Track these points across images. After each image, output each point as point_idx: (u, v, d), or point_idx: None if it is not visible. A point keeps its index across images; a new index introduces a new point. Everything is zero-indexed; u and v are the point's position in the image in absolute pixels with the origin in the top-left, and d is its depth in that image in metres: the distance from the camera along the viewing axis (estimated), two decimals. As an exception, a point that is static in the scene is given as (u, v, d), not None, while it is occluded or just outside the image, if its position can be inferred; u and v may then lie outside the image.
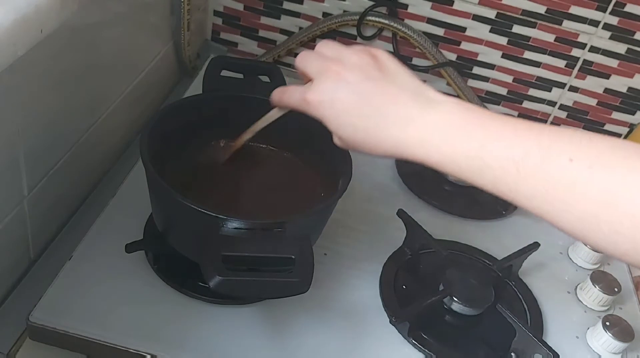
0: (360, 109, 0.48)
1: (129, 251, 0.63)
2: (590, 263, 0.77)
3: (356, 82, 0.48)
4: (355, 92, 0.48)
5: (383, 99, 0.48)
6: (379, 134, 0.48)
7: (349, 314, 0.65)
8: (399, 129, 0.47)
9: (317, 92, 0.49)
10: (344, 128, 0.49)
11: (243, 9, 1.00)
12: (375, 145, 0.49)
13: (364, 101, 0.48)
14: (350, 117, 0.48)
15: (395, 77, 0.50)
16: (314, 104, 0.50)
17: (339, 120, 0.49)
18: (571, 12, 0.91)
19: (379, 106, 0.48)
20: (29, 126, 0.57)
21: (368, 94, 0.48)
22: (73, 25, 0.59)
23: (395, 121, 0.47)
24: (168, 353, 0.57)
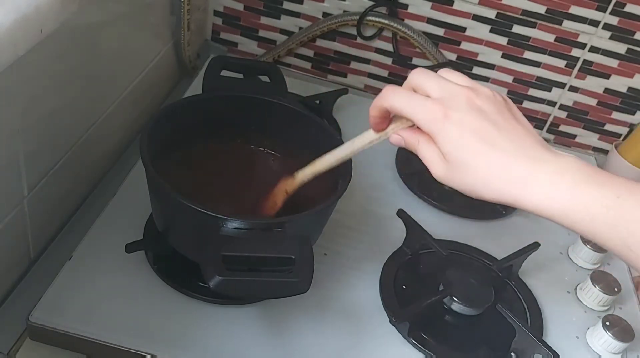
0: (487, 133, 0.45)
1: (129, 251, 0.63)
2: (590, 263, 0.77)
3: (489, 112, 0.45)
4: (486, 120, 0.45)
5: (513, 132, 0.45)
6: (503, 164, 0.44)
7: (349, 314, 0.65)
8: (527, 165, 0.44)
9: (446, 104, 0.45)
10: (463, 149, 0.45)
11: (243, 9, 1.00)
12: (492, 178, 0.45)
13: (494, 127, 0.45)
14: (474, 139, 0.44)
15: (523, 122, 0.47)
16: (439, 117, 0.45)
17: (461, 137, 0.45)
18: (571, 12, 0.91)
19: (509, 136, 0.45)
20: (29, 126, 0.57)
21: (499, 126, 0.45)
22: (73, 25, 0.59)
23: (524, 157, 0.44)
24: (168, 353, 0.57)
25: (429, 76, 0.47)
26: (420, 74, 0.48)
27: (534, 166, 0.44)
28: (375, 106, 0.49)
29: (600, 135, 1.03)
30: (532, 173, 0.44)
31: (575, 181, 0.43)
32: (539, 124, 1.04)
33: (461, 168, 0.45)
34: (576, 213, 0.42)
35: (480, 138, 0.45)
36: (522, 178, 0.44)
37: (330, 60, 1.02)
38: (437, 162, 0.47)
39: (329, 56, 1.02)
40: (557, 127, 1.04)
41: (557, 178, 0.43)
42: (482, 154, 0.45)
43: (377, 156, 0.86)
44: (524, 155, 0.44)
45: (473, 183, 0.45)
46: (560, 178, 0.43)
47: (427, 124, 0.46)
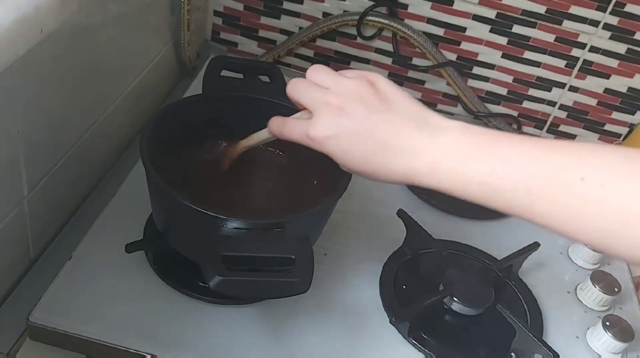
0: (366, 144, 0.48)
1: (129, 251, 0.63)
2: (590, 263, 0.77)
3: (358, 116, 0.48)
4: (359, 128, 0.48)
5: (388, 132, 0.48)
6: (388, 167, 0.48)
7: (349, 314, 0.65)
8: (408, 161, 0.47)
9: (320, 129, 0.49)
10: (351, 163, 0.49)
11: (243, 9, 1.00)
12: (385, 176, 0.49)
13: (369, 136, 0.48)
14: (357, 153, 0.48)
15: (397, 106, 0.49)
16: (318, 141, 0.49)
17: (346, 156, 0.49)
18: (571, 12, 0.91)
19: (385, 140, 0.48)
20: (29, 126, 0.57)
21: (372, 129, 0.48)
22: (73, 25, 0.59)
23: (403, 154, 0.47)
24: (168, 353, 0.57)
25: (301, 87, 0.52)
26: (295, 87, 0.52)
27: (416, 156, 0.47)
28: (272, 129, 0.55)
29: (600, 135, 1.03)
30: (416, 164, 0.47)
31: (454, 165, 0.46)
32: (539, 124, 1.04)
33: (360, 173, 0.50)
34: (460, 190, 0.47)
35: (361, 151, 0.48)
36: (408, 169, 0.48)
37: (330, 60, 1.02)
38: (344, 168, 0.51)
39: (329, 56, 1.02)
40: (557, 127, 1.03)
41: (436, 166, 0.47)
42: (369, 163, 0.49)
43: (377, 156, 0.86)
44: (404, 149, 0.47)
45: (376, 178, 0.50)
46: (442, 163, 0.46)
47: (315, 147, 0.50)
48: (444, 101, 1.03)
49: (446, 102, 1.03)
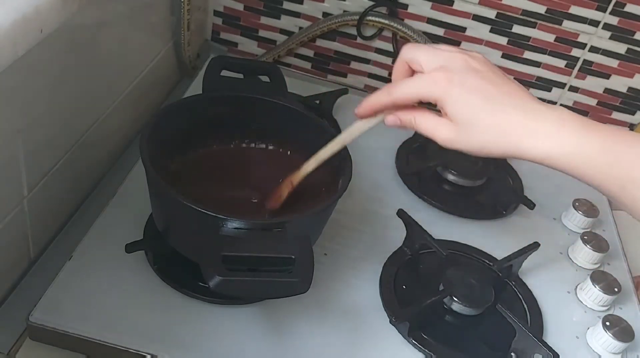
0: (490, 90, 0.48)
1: (129, 251, 0.63)
2: (590, 263, 0.77)
3: (485, 71, 0.49)
4: (483, 77, 0.48)
5: (512, 89, 0.49)
6: (507, 119, 0.47)
7: (349, 314, 0.65)
8: (532, 117, 0.47)
9: (446, 71, 0.48)
10: (469, 108, 0.48)
11: (243, 9, 1.00)
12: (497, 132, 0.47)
13: (493, 85, 0.48)
14: (479, 97, 0.48)
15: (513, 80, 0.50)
16: (442, 81, 0.48)
17: (467, 98, 0.48)
18: (571, 12, 0.91)
19: (509, 93, 0.48)
20: (29, 126, 0.57)
21: (497, 82, 0.49)
22: (73, 25, 0.59)
23: (527, 110, 0.47)
24: (168, 353, 0.57)
25: (421, 49, 0.50)
26: (412, 49, 0.51)
27: (536, 117, 0.47)
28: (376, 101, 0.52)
29: (600, 135, 1.03)
30: (536, 124, 0.47)
31: (576, 129, 0.46)
32: (539, 124, 1.03)
33: (468, 126, 0.48)
34: (579, 158, 0.46)
35: (483, 96, 0.48)
36: (527, 129, 0.47)
37: (330, 60, 1.02)
38: (442, 128, 0.49)
39: (329, 56, 1.02)
40: (557, 127, 1.03)
41: (559, 127, 0.46)
42: (488, 111, 0.47)
43: (377, 156, 0.86)
44: (524, 109, 0.48)
45: (480, 139, 0.48)
46: (562, 127, 0.46)
47: (434, 91, 0.48)
48: (444, 101, 1.03)
49: (446, 102, 1.03)
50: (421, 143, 0.90)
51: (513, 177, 0.89)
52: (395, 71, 0.52)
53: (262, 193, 0.67)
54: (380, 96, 0.52)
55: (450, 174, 0.84)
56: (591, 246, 0.76)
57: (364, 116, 0.54)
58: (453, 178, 0.84)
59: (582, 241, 0.77)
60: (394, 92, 0.51)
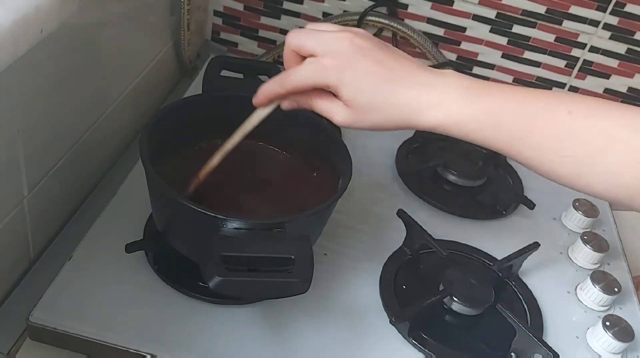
0: (379, 72, 0.49)
1: (129, 251, 0.63)
2: (590, 263, 0.77)
3: (370, 48, 0.49)
4: (371, 57, 0.49)
5: (398, 65, 0.50)
6: (398, 98, 0.49)
7: (349, 314, 0.65)
8: (418, 93, 0.49)
9: (334, 56, 0.49)
10: (363, 92, 0.49)
11: (243, 9, 1.00)
12: (391, 110, 0.49)
13: (381, 65, 0.49)
14: (370, 80, 0.49)
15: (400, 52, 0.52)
16: (332, 69, 0.49)
17: (359, 83, 0.49)
18: (571, 12, 0.91)
19: (396, 70, 0.49)
20: (29, 126, 0.57)
21: (384, 60, 0.49)
22: (73, 25, 0.59)
23: (414, 85, 0.49)
24: (168, 353, 0.57)
25: (305, 34, 0.51)
26: (296, 35, 0.51)
27: (424, 89, 0.49)
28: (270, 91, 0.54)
29: (600, 135, 1.03)
30: (424, 96, 0.49)
31: (460, 97, 0.49)
32: (539, 124, 1.03)
33: (362, 109, 0.50)
34: (466, 124, 0.49)
35: (374, 79, 0.49)
36: (416, 102, 0.49)
37: (330, 60, 1.02)
38: (337, 110, 0.51)
39: (329, 56, 1.02)
40: (557, 127, 1.03)
41: (445, 97, 0.49)
42: (379, 92, 0.49)
43: (377, 156, 0.86)
44: (413, 83, 0.49)
45: (376, 119, 0.50)
46: (447, 96, 0.49)
47: (325, 79, 0.49)
48: (444, 101, 1.03)
49: (446, 102, 1.03)
50: (421, 143, 0.90)
51: (513, 177, 0.89)
52: (286, 60, 0.53)
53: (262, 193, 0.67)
54: (273, 86, 0.53)
55: (450, 174, 0.84)
56: (591, 246, 0.76)
57: (261, 104, 0.56)
58: (453, 178, 0.84)
59: (582, 241, 0.77)
60: (287, 83, 0.52)
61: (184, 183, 0.61)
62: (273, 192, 0.68)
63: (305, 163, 0.70)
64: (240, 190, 0.66)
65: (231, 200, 0.65)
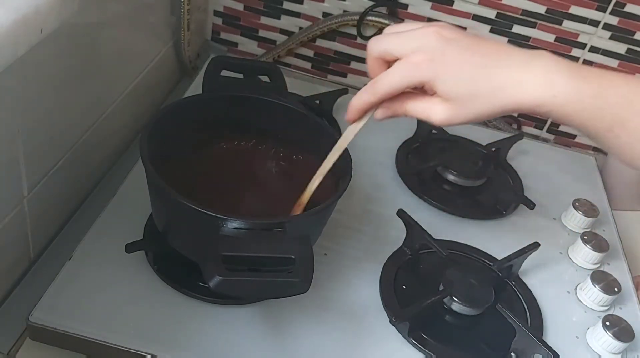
0: (474, 59, 0.48)
1: (129, 251, 0.63)
2: (590, 263, 0.77)
3: (459, 38, 0.48)
4: (462, 46, 0.48)
5: (492, 49, 0.48)
6: (500, 80, 0.47)
7: (349, 314, 0.65)
8: (519, 71, 0.47)
9: (424, 52, 0.47)
10: (461, 83, 0.48)
11: (243, 9, 1.00)
12: (494, 95, 0.47)
13: (474, 52, 0.48)
14: (466, 68, 0.47)
15: (487, 38, 0.51)
16: (424, 65, 0.47)
17: (455, 73, 0.47)
18: (571, 12, 0.91)
19: (491, 54, 0.48)
20: (29, 126, 0.57)
21: (475, 46, 0.48)
22: (73, 25, 0.59)
23: (513, 65, 0.47)
24: (168, 353, 0.57)
25: (388, 39, 0.50)
26: (379, 42, 0.50)
27: (524, 70, 0.47)
28: (362, 103, 0.51)
29: (600, 135, 1.03)
30: (525, 76, 0.47)
31: (565, 77, 0.47)
32: (539, 124, 1.04)
33: (463, 100, 0.48)
34: (570, 104, 0.47)
35: (469, 66, 0.47)
36: (518, 83, 0.47)
37: (330, 60, 1.02)
38: (436, 108, 0.49)
39: (329, 56, 1.02)
40: (557, 127, 1.04)
41: (549, 77, 0.47)
42: (477, 79, 0.47)
43: (377, 156, 0.86)
44: (510, 63, 0.48)
45: (478, 107, 0.48)
46: (550, 75, 0.47)
47: (419, 76, 0.48)
48: (444, 101, 1.03)
49: (446, 102, 1.03)
50: (421, 143, 0.90)
51: (513, 177, 0.89)
52: (371, 70, 0.51)
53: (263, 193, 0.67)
54: (365, 96, 0.51)
55: (450, 174, 0.84)
56: (591, 246, 0.76)
57: (354, 120, 0.53)
58: (453, 178, 0.84)
59: (582, 241, 0.77)
60: (379, 89, 0.50)
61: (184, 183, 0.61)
62: (273, 192, 0.68)
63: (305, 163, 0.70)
64: (241, 190, 0.67)
65: (231, 200, 0.65)
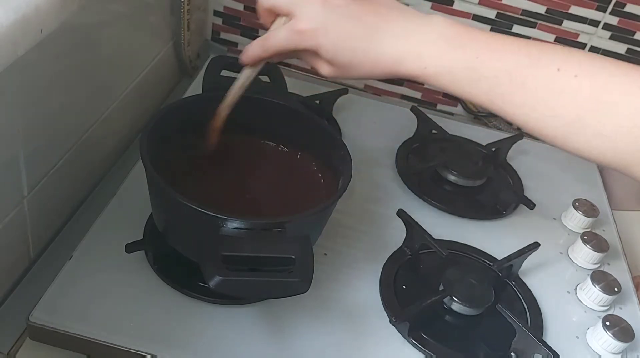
0: (355, 30, 0.49)
1: (129, 251, 0.63)
2: (590, 263, 0.77)
3: (344, 4, 0.49)
4: (346, 15, 0.49)
5: (375, 18, 0.49)
6: (377, 53, 0.49)
7: (349, 314, 0.65)
8: (396, 45, 0.49)
9: (308, 20, 0.49)
10: (341, 53, 0.50)
11: (243, 9, 1.00)
12: (373, 65, 0.50)
13: (357, 22, 0.49)
14: (347, 41, 0.49)
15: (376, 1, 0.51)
16: (307, 34, 0.49)
17: (336, 45, 0.49)
18: (571, 12, 0.91)
19: (373, 24, 0.49)
20: (29, 126, 0.57)
21: (360, 15, 0.49)
22: (73, 25, 0.59)
23: (392, 37, 0.49)
24: (168, 353, 0.57)
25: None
26: None
27: (402, 41, 0.49)
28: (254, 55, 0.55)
29: (600, 135, 1.03)
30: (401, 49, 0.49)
31: (440, 49, 0.48)
32: (539, 124, 1.03)
33: (346, 66, 0.50)
34: (444, 76, 0.48)
35: (352, 38, 0.49)
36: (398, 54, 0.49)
37: (330, 60, 1.02)
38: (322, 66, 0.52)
39: (329, 56, 1.02)
40: (557, 127, 1.03)
41: (425, 48, 0.48)
42: (359, 49, 0.49)
43: (377, 156, 0.86)
44: (393, 34, 0.49)
45: (360, 73, 0.51)
46: (428, 47, 0.48)
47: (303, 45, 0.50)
48: (443, 100, 1.03)
49: (446, 102, 1.03)
50: (421, 143, 0.90)
51: (513, 177, 0.89)
52: (261, 17, 0.54)
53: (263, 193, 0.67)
54: (256, 49, 0.54)
55: (450, 174, 0.84)
56: (591, 246, 0.76)
57: (247, 64, 0.57)
58: (453, 178, 0.84)
59: (582, 241, 0.77)
60: (268, 47, 0.53)
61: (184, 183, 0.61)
62: (273, 192, 0.68)
63: (305, 163, 0.70)
64: (241, 190, 0.66)
65: (231, 200, 0.65)
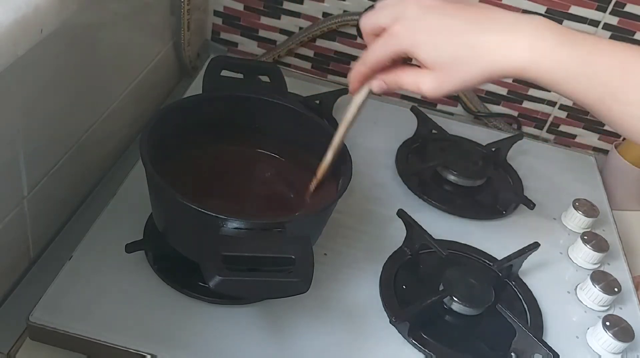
0: (457, 24, 0.47)
1: (129, 251, 0.63)
2: (590, 263, 0.77)
3: (441, 6, 0.48)
4: (442, 13, 0.48)
5: (475, 14, 0.48)
6: (481, 45, 0.47)
7: (349, 314, 0.65)
8: (503, 35, 0.46)
9: (407, 22, 0.48)
10: (443, 48, 0.47)
11: (243, 9, 1.00)
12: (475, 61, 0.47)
13: (457, 18, 0.48)
14: (448, 35, 0.47)
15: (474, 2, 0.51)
16: (402, 34, 0.48)
17: (435, 40, 0.47)
18: (571, 12, 0.91)
19: (474, 20, 0.47)
20: (29, 126, 0.57)
21: (458, 13, 0.48)
22: (73, 25, 0.59)
23: (497, 31, 0.47)
24: (168, 353, 0.57)
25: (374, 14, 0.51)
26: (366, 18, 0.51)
27: (509, 34, 0.46)
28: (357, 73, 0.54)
29: (600, 135, 1.03)
30: (509, 40, 0.46)
31: (553, 42, 0.45)
32: (539, 124, 1.04)
33: (447, 66, 0.48)
34: (556, 71, 0.45)
35: (449, 32, 0.47)
36: (502, 46, 0.46)
37: (330, 60, 1.02)
38: (424, 78, 0.49)
39: (329, 56, 1.02)
40: (557, 127, 1.04)
41: (535, 41, 0.46)
42: (458, 45, 0.47)
43: (377, 156, 0.86)
44: (495, 27, 0.47)
45: (462, 74, 0.48)
46: (538, 40, 0.46)
47: (399, 45, 0.49)
48: (444, 100, 1.03)
49: (446, 102, 1.03)
50: (421, 143, 0.90)
51: (513, 177, 0.89)
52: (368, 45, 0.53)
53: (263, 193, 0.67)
54: (358, 67, 0.53)
55: (450, 174, 0.84)
56: (591, 246, 0.76)
57: (354, 90, 0.56)
58: (453, 178, 0.84)
59: (582, 241, 0.77)
60: (368, 60, 0.52)
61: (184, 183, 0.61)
62: (273, 192, 0.68)
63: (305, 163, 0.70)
64: (241, 190, 0.67)
65: (231, 200, 0.65)
